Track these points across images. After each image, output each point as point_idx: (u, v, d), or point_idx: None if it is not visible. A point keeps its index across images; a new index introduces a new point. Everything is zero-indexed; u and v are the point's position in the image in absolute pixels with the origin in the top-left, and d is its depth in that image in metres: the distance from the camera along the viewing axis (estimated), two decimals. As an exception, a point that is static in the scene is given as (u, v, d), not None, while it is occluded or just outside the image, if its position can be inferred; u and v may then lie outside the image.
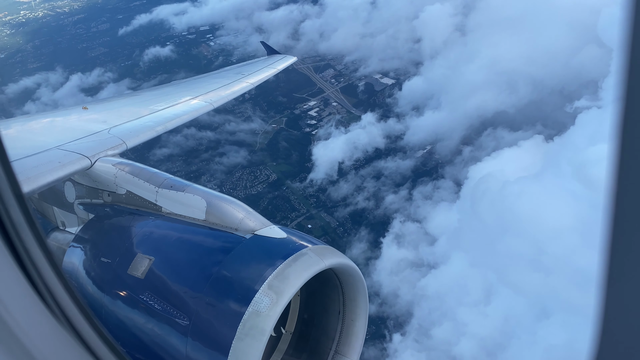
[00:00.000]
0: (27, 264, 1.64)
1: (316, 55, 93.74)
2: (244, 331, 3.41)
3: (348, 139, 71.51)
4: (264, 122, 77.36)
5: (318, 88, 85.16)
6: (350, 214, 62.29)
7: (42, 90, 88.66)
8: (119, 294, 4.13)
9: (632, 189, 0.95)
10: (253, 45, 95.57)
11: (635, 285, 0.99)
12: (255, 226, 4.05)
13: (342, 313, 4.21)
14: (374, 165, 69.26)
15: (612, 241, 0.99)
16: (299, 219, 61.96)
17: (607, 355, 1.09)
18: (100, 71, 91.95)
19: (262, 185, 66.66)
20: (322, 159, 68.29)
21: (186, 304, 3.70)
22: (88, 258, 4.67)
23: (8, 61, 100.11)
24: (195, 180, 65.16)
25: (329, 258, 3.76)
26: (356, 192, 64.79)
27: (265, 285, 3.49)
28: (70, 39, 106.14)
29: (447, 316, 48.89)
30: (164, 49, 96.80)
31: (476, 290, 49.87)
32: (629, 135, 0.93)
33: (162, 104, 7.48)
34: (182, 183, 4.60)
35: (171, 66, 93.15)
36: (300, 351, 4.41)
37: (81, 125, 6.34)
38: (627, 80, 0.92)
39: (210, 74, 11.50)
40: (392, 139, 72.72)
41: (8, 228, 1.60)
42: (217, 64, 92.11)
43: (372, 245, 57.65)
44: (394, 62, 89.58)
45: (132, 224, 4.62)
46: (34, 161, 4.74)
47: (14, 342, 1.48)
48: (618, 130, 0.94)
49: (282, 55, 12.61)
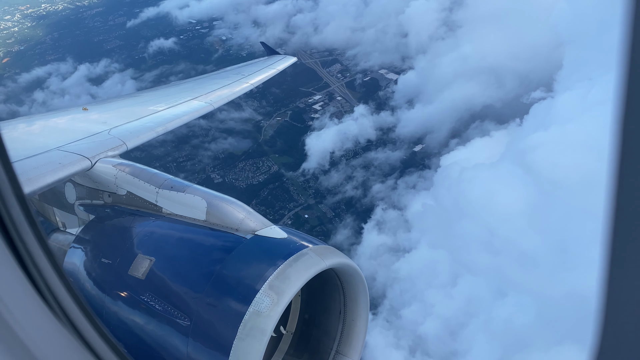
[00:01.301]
0: (29, 263, 1.64)
1: (324, 50, 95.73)
2: (245, 331, 3.41)
3: (340, 130, 74.56)
4: (269, 115, 79.67)
5: (324, 82, 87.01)
6: (337, 202, 65.37)
7: (52, 79, 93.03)
8: (119, 295, 4.13)
9: (632, 189, 0.95)
10: (251, 38, 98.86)
11: (636, 286, 0.99)
12: (255, 226, 4.05)
13: (343, 313, 4.21)
14: (365, 156, 72.21)
15: (613, 241, 0.99)
16: (297, 209, 64.53)
17: (608, 355, 1.09)
18: (107, 62, 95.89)
19: (263, 175, 69.11)
20: (314, 149, 71.60)
21: (187, 304, 3.70)
22: (89, 259, 4.68)
23: (27, 53, 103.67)
24: (199, 169, 67.84)
25: (329, 258, 3.76)
26: (345, 181, 68.04)
27: (266, 286, 3.49)
28: (87, 31, 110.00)
29: (416, 298, 52.34)
30: (167, 41, 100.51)
31: (444, 272, 53.21)
32: (629, 135, 0.93)
33: (162, 104, 7.48)
34: (183, 184, 4.60)
35: (173, 58, 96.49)
36: (301, 351, 4.41)
37: (81, 126, 6.34)
38: (627, 80, 0.91)
39: (210, 74, 11.51)
40: (384, 131, 75.85)
41: (9, 228, 1.61)
42: (217, 56, 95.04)
43: (356, 231, 60.96)
44: (396, 57, 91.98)
45: (133, 224, 4.62)
46: (34, 162, 4.74)
47: (16, 342, 1.49)
48: (618, 130, 0.94)
49: (282, 55, 12.63)
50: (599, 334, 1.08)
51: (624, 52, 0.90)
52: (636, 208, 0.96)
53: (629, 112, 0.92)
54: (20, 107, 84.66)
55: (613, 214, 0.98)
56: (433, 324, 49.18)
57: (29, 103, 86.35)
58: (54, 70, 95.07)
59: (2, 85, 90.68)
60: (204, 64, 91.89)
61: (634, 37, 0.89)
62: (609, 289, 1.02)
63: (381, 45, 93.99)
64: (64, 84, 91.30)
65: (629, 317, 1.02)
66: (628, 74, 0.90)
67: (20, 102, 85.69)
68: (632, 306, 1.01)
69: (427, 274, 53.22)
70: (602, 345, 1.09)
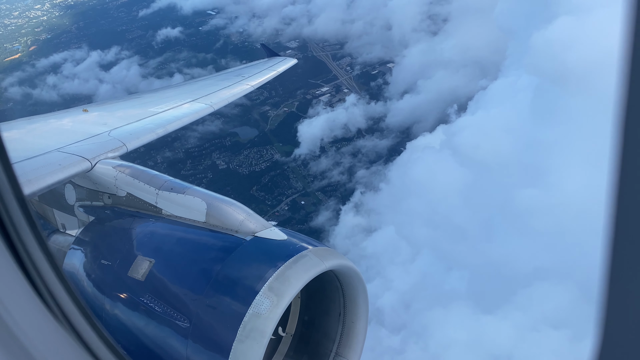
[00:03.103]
0: (28, 265, 1.64)
1: (336, 43, 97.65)
2: (245, 333, 3.40)
3: (330, 118, 78.90)
4: (277, 105, 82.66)
5: (333, 75, 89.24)
6: (324, 187, 69.83)
7: (67, 64, 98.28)
8: (119, 296, 4.13)
9: (632, 189, 0.95)
10: (250, 28, 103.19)
11: (636, 286, 0.98)
12: (255, 228, 4.05)
13: (343, 315, 4.20)
14: (354, 143, 76.40)
15: (614, 242, 0.98)
16: (294, 195, 67.89)
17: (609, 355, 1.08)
18: (117, 49, 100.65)
19: (266, 163, 72.31)
20: (306, 136, 76.01)
21: (187, 306, 3.70)
22: (89, 260, 4.67)
23: (53, 41, 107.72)
24: (204, 157, 71.31)
25: (329, 260, 3.76)
26: (333, 167, 72.62)
27: (265, 287, 3.48)
28: (111, 21, 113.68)
29: (379, 273, 56.36)
30: (173, 30, 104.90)
31: (405, 249, 58.49)
32: (629, 135, 0.93)
33: (162, 106, 7.49)
34: (182, 185, 4.60)
35: (177, 46, 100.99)
36: (301, 353, 4.40)
37: (81, 128, 6.35)
38: (627, 80, 0.91)
39: (210, 76, 11.57)
40: (375, 121, 79.89)
41: (9, 229, 1.61)
42: (218, 45, 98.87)
43: (337, 213, 65.57)
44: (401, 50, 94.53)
45: (133, 226, 4.62)
46: (34, 163, 4.74)
47: (15, 343, 1.49)
48: (618, 130, 0.94)
49: (282, 57, 12.68)
50: (601, 333, 1.07)
51: (624, 52, 0.90)
52: (636, 207, 0.95)
53: (629, 112, 0.92)
54: (33, 89, 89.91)
55: (614, 214, 0.97)
56: (390, 297, 53.18)
57: (41, 86, 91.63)
58: (69, 56, 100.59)
59: (21, 70, 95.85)
60: (205, 52, 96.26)
61: (634, 37, 0.89)
62: (610, 290, 1.02)
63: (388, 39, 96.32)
64: (76, 69, 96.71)
65: (630, 316, 1.01)
66: (628, 74, 0.91)
67: (34, 85, 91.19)
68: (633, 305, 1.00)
69: (390, 252, 58.73)
70: (603, 345, 1.08)
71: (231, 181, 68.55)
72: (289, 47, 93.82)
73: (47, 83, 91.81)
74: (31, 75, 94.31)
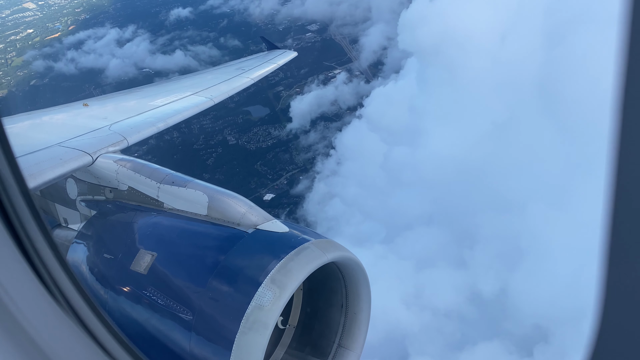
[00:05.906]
0: (33, 256, 1.65)
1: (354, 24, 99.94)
2: (248, 325, 3.42)
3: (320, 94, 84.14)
4: (290, 86, 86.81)
5: (347, 57, 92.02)
6: (310, 159, 76.07)
7: (89, 41, 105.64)
8: (122, 290, 4.15)
9: (632, 189, 0.94)
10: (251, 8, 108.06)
11: (636, 286, 0.98)
12: (257, 221, 4.06)
13: (345, 306, 4.22)
14: (343, 120, 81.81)
15: (612, 241, 0.98)
16: (294, 171, 73.78)
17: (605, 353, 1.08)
18: (134, 27, 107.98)
19: (272, 140, 77.74)
20: (297, 111, 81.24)
21: (189, 298, 3.72)
22: (91, 254, 4.69)
23: (91, 21, 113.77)
24: (217, 133, 76.42)
25: (331, 251, 3.78)
26: (321, 140, 78.44)
27: (268, 279, 3.50)
28: (147, 2, 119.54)
29: (338, 233, 62.66)
30: (184, 10, 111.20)
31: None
32: (629, 135, 0.93)
33: (163, 100, 7.49)
34: (184, 179, 4.61)
35: (184, 25, 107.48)
36: (304, 345, 4.43)
37: (82, 122, 6.35)
38: (627, 80, 0.91)
39: (211, 69, 11.59)
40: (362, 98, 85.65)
41: (14, 222, 1.62)
42: (223, 25, 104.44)
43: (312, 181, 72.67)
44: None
45: (135, 220, 4.64)
46: (35, 158, 4.75)
47: (21, 333, 1.50)
48: (618, 130, 0.93)
49: (282, 50, 12.67)
50: (596, 332, 1.07)
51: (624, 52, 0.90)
52: (636, 206, 0.95)
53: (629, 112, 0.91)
54: (55, 62, 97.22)
55: (612, 211, 0.96)
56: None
57: (62, 60, 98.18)
58: (93, 34, 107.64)
59: (50, 46, 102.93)
60: (208, 31, 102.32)
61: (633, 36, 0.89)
62: (608, 289, 1.01)
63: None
64: (95, 45, 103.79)
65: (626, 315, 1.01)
66: (628, 74, 0.90)
67: (56, 59, 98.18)
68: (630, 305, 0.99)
69: (347, 214, 67.69)
70: (598, 344, 1.07)
71: (238, 156, 72.71)
72: (310, 30, 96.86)
73: (67, 57, 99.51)
74: (57, 51, 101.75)
